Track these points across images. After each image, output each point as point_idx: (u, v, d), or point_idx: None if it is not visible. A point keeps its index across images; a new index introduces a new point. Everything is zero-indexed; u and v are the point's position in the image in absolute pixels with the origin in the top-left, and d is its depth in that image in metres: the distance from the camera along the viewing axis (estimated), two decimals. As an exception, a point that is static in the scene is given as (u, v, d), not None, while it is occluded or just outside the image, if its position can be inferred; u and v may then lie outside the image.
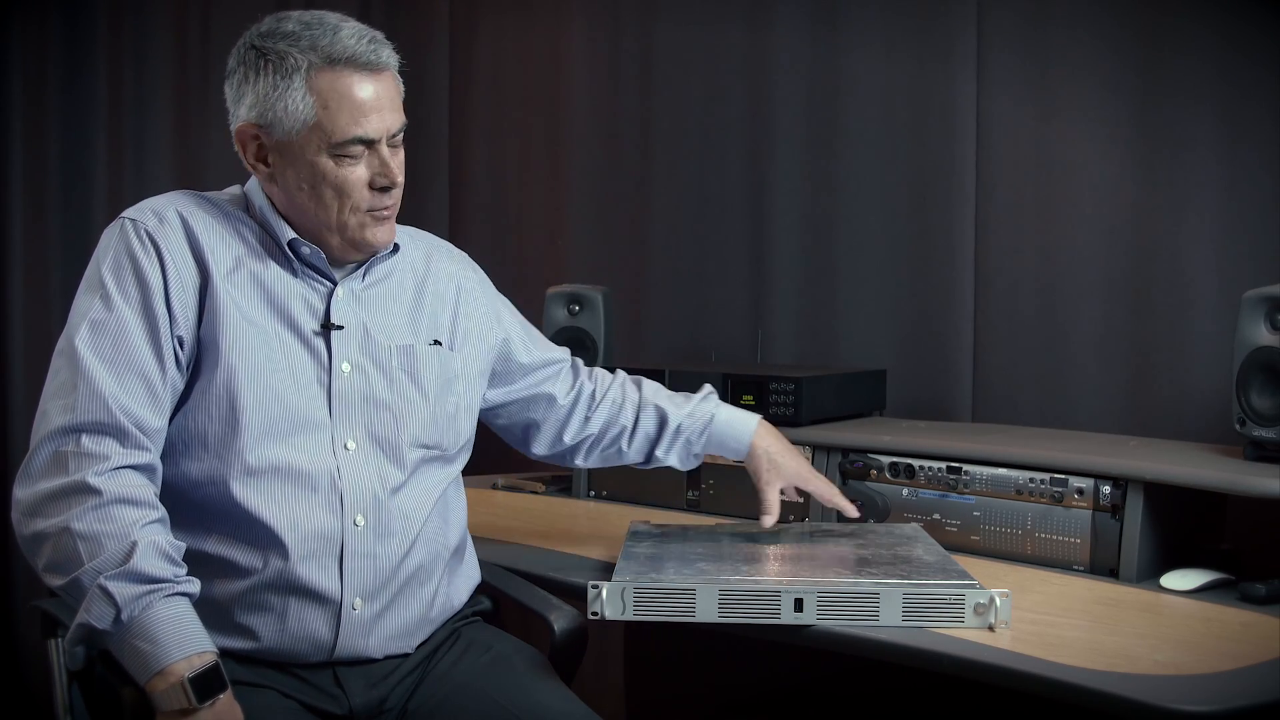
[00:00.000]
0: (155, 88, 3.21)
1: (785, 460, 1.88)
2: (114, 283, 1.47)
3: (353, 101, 1.48)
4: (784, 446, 1.90)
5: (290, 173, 1.52)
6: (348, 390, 1.56)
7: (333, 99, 1.48)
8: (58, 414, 1.41)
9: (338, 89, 1.48)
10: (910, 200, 2.60)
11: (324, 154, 1.49)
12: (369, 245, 1.57)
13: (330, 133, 1.48)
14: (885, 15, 2.60)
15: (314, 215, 1.54)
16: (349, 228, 1.54)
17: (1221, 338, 2.10)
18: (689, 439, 1.89)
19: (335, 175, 1.50)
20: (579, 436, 1.88)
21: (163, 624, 1.32)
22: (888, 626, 1.55)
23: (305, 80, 1.47)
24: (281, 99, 1.48)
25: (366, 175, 1.52)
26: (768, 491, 1.87)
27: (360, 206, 1.53)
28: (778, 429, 1.93)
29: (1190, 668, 1.41)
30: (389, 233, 1.59)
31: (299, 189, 1.52)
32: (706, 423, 1.88)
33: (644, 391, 1.91)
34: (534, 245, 3.19)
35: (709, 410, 1.90)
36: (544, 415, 1.86)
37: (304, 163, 1.50)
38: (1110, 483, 1.86)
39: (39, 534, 1.37)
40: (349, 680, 1.53)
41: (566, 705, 1.56)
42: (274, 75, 1.48)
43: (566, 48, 3.10)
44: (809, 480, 1.90)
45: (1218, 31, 2.21)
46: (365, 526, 1.52)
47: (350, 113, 1.48)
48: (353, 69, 1.49)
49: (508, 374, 1.81)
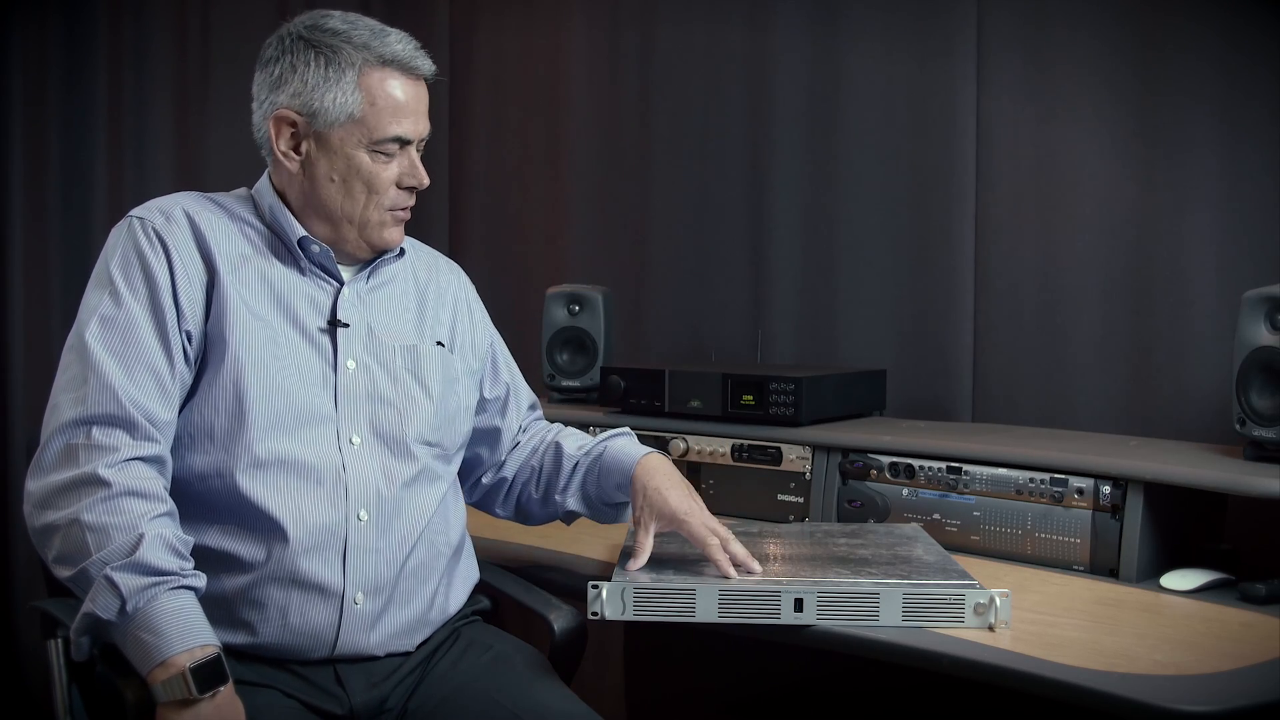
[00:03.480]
0: (155, 88, 3.21)
1: (662, 497, 1.64)
2: (122, 279, 1.49)
3: (396, 102, 1.56)
4: (670, 482, 1.67)
5: (324, 163, 1.56)
6: (352, 386, 1.57)
7: (380, 97, 1.55)
8: (68, 407, 1.43)
9: (385, 88, 1.55)
10: (910, 200, 2.60)
11: (362, 148, 1.56)
12: (383, 244, 1.62)
13: (372, 129, 1.55)
14: (885, 15, 2.60)
15: (338, 207, 1.58)
16: (370, 224, 1.59)
17: (1221, 338, 2.10)
18: (585, 476, 1.77)
19: (369, 170, 1.56)
20: (494, 479, 1.84)
21: (166, 616, 1.33)
22: (888, 626, 1.55)
23: (357, 75, 1.54)
24: (331, 90, 1.54)
25: (396, 174, 1.59)
26: (639, 531, 1.66)
27: (384, 204, 1.59)
28: (668, 460, 1.74)
29: (1190, 668, 1.41)
30: (400, 235, 1.65)
31: (329, 180, 1.57)
32: (599, 456, 1.76)
33: (557, 434, 1.84)
34: (534, 245, 3.19)
35: (604, 442, 1.78)
36: (482, 450, 1.83)
37: (341, 155, 1.56)
38: (1110, 483, 1.86)
39: (49, 526, 1.39)
40: (350, 679, 1.53)
41: (566, 705, 1.56)
42: (326, 67, 1.54)
43: (566, 47, 3.10)
44: (684, 523, 1.63)
45: (1218, 31, 2.21)
46: (368, 521, 1.53)
47: (394, 112, 1.56)
48: (400, 71, 1.57)
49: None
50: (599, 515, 1.80)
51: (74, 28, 3.17)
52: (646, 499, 1.67)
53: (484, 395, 1.81)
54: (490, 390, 1.82)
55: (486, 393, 1.82)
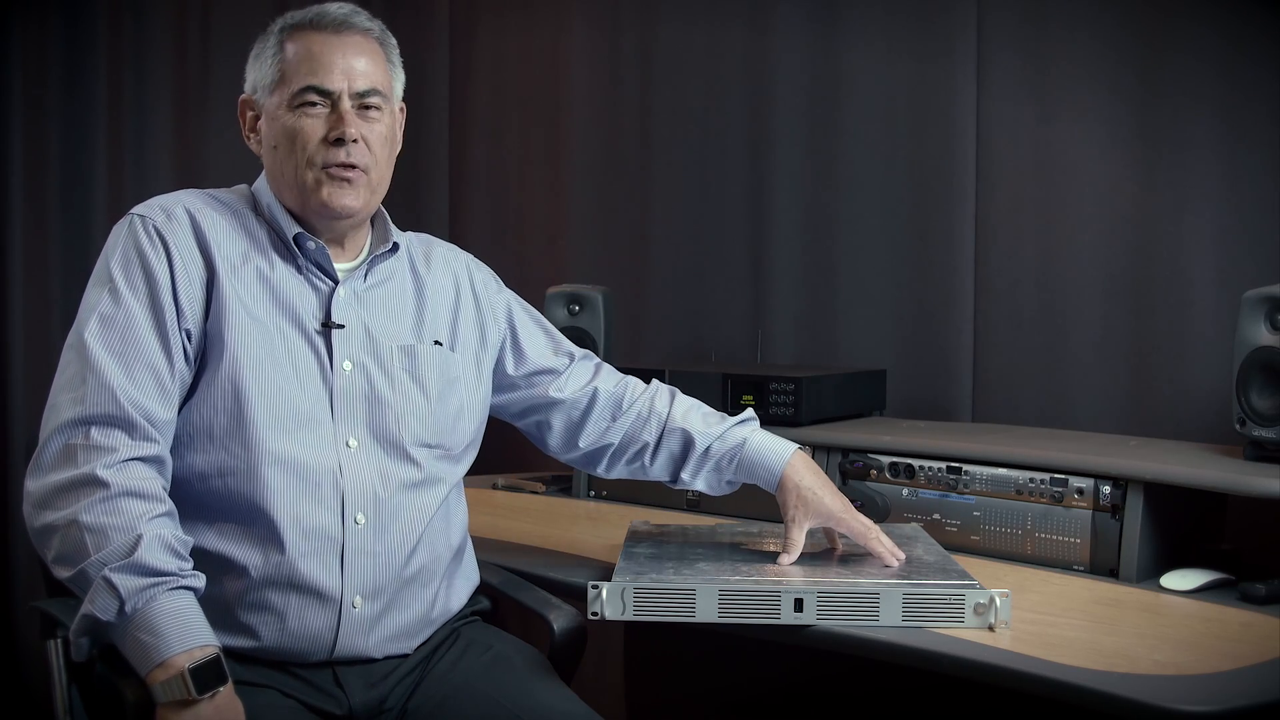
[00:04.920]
0: (155, 88, 3.21)
1: (817, 497, 1.72)
2: (122, 277, 1.49)
3: (311, 54, 1.57)
4: (820, 481, 1.74)
5: (268, 134, 1.59)
6: (348, 388, 1.56)
7: (296, 54, 1.57)
8: (67, 406, 1.42)
9: (302, 43, 1.57)
10: (910, 200, 2.60)
11: (285, 107, 1.56)
12: (327, 208, 1.57)
13: (290, 84, 1.56)
14: (885, 15, 2.60)
15: (280, 172, 1.58)
16: (308, 187, 1.56)
17: (1221, 338, 2.10)
18: (718, 464, 1.78)
19: (293, 127, 1.56)
20: (596, 444, 1.82)
21: (165, 617, 1.33)
22: (888, 626, 1.55)
23: (278, 41, 1.58)
24: (259, 64, 1.59)
25: (323, 129, 1.56)
26: (793, 529, 1.72)
27: (315, 161, 1.56)
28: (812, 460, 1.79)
29: (1190, 668, 1.41)
30: (353, 199, 1.58)
31: (272, 148, 1.58)
32: (737, 448, 1.77)
33: (674, 409, 1.82)
34: (534, 245, 3.19)
35: (741, 435, 1.78)
36: (551, 418, 1.81)
37: (275, 120, 1.58)
38: (1110, 483, 1.86)
39: (49, 526, 1.38)
40: (349, 680, 1.53)
41: (566, 705, 1.56)
42: (259, 46, 1.61)
43: (566, 47, 3.10)
44: (842, 520, 1.72)
45: (1218, 31, 2.22)
46: (365, 525, 1.52)
47: (309, 64, 1.56)
48: (319, 29, 1.58)
49: (500, 380, 1.80)
50: (718, 492, 1.84)
51: (74, 28, 3.17)
52: (800, 498, 1.72)
53: (509, 373, 1.78)
54: (515, 368, 1.78)
55: (511, 369, 1.78)
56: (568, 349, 1.85)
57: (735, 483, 1.80)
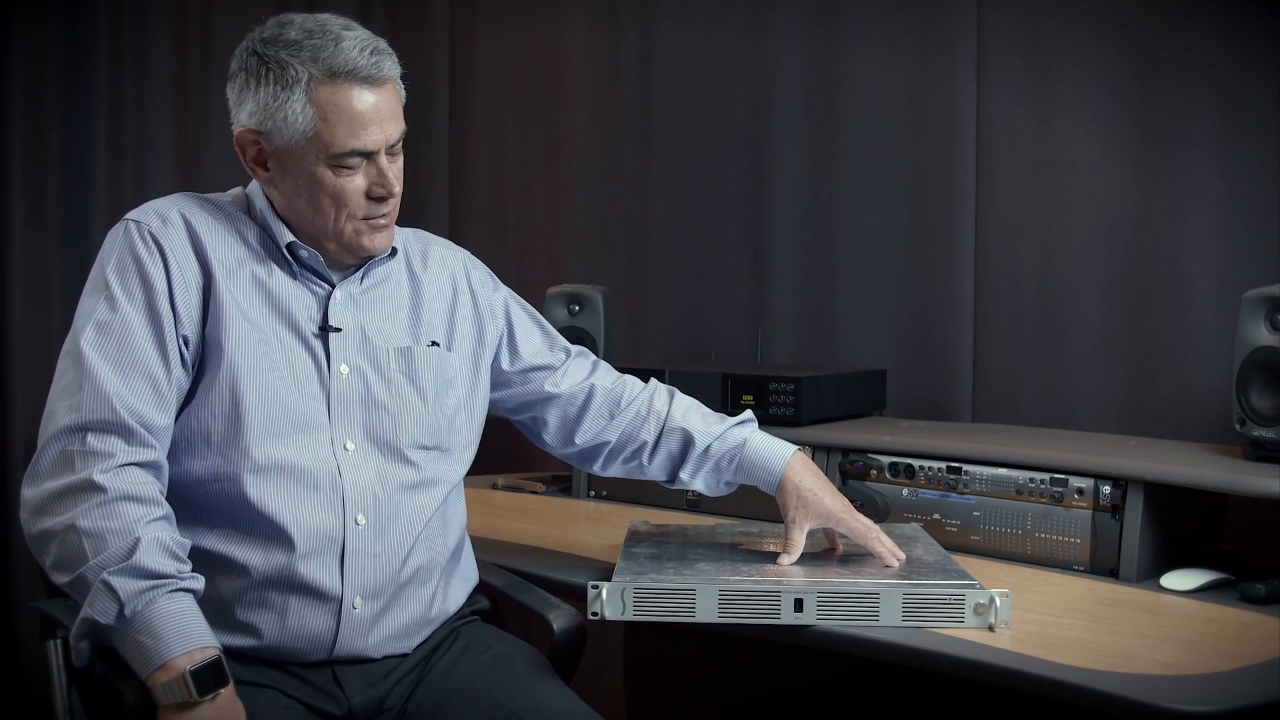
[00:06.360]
0: (155, 88, 3.21)
1: (817, 498, 1.72)
2: (118, 283, 1.48)
3: (352, 114, 1.48)
4: (820, 482, 1.74)
5: (289, 180, 1.52)
6: (345, 392, 1.56)
7: (332, 112, 1.48)
8: (64, 414, 1.42)
9: (337, 102, 1.48)
10: (910, 200, 2.60)
11: (322, 164, 1.50)
12: (366, 251, 1.58)
13: (329, 144, 1.48)
14: (885, 15, 2.61)
15: (311, 222, 1.55)
16: (345, 235, 1.55)
17: (1221, 338, 2.10)
18: (717, 464, 1.77)
19: (333, 185, 1.51)
20: (593, 441, 1.81)
21: (165, 619, 1.33)
22: (888, 626, 1.55)
23: (306, 93, 1.47)
24: (282, 109, 1.48)
25: (364, 185, 1.53)
26: (793, 530, 1.72)
27: (356, 215, 1.54)
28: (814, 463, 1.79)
29: (1190, 668, 1.41)
30: (387, 239, 1.59)
31: (297, 195, 1.53)
32: (737, 449, 1.76)
33: (674, 408, 1.81)
34: (534, 245, 3.19)
35: (741, 436, 1.77)
36: (546, 414, 1.81)
37: (303, 171, 1.51)
38: (1110, 483, 1.86)
39: (46, 532, 1.38)
40: (348, 680, 1.53)
41: (566, 705, 1.56)
42: (275, 85, 1.48)
43: (566, 48, 3.10)
44: (842, 520, 1.72)
45: (1218, 31, 2.22)
46: (365, 526, 1.52)
47: (349, 125, 1.48)
48: (353, 82, 1.48)
49: (496, 376, 1.79)
50: (716, 493, 1.83)
51: (74, 28, 3.17)
52: (800, 499, 1.72)
53: (504, 369, 1.78)
54: (510, 364, 1.78)
55: (506, 365, 1.78)
56: (563, 345, 1.85)
57: (733, 484, 1.80)
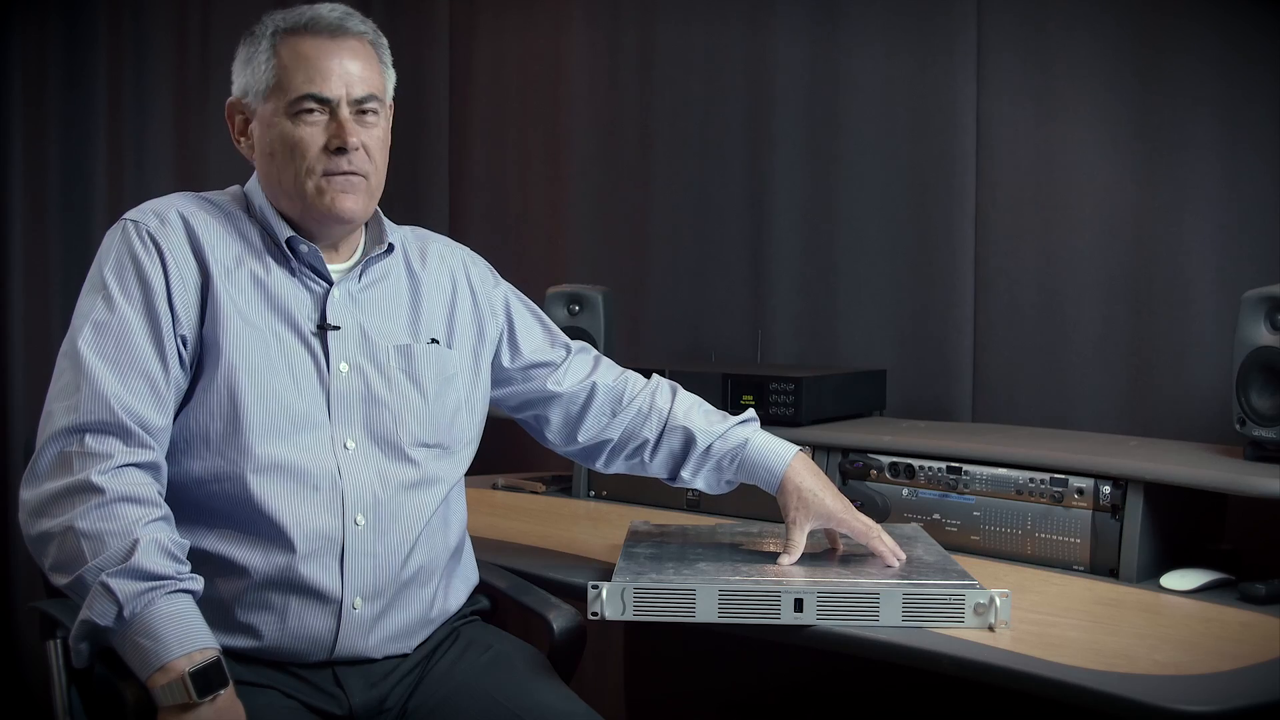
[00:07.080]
0: (155, 88, 3.21)
1: (818, 498, 1.72)
2: (116, 283, 1.48)
3: (308, 61, 1.54)
4: (820, 483, 1.74)
5: (263, 140, 1.56)
6: (345, 390, 1.56)
7: (290, 59, 1.54)
8: (62, 415, 1.42)
9: (296, 49, 1.54)
10: (910, 200, 2.60)
11: (283, 114, 1.54)
12: (331, 212, 1.56)
13: (286, 90, 1.53)
14: (885, 15, 2.60)
15: (278, 180, 1.56)
16: (307, 193, 1.55)
17: (1221, 338, 2.10)
18: (719, 463, 1.77)
19: (292, 135, 1.53)
20: (595, 439, 1.81)
21: (164, 620, 1.33)
22: (887, 627, 1.55)
23: (270, 45, 1.55)
24: (251, 65, 1.56)
25: (323, 138, 1.54)
26: (793, 530, 1.72)
27: (315, 169, 1.54)
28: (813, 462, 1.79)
29: (1190, 668, 1.41)
30: (354, 203, 1.57)
31: (268, 155, 1.56)
32: (738, 448, 1.76)
33: (676, 406, 1.81)
34: (534, 245, 3.19)
35: (743, 435, 1.77)
36: (549, 412, 1.81)
37: (270, 127, 1.55)
38: (1110, 483, 1.86)
39: (45, 534, 1.38)
40: (348, 680, 1.53)
41: (566, 705, 1.56)
42: (249, 48, 1.56)
43: (566, 48, 3.10)
44: (843, 520, 1.72)
45: (1218, 31, 2.21)
46: (365, 526, 1.52)
47: (305, 71, 1.53)
48: (313, 33, 1.55)
49: (497, 373, 1.79)
50: (717, 491, 1.83)
51: (74, 28, 3.17)
52: (801, 500, 1.72)
53: (505, 366, 1.77)
54: (511, 360, 1.78)
55: (507, 362, 1.77)
56: (563, 341, 1.84)
57: (734, 483, 1.80)
